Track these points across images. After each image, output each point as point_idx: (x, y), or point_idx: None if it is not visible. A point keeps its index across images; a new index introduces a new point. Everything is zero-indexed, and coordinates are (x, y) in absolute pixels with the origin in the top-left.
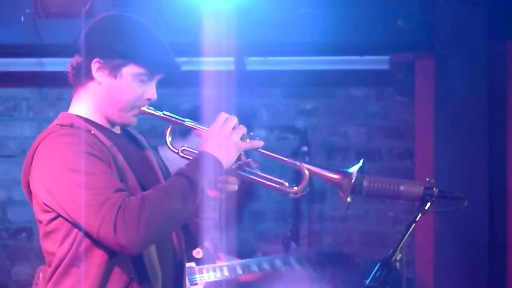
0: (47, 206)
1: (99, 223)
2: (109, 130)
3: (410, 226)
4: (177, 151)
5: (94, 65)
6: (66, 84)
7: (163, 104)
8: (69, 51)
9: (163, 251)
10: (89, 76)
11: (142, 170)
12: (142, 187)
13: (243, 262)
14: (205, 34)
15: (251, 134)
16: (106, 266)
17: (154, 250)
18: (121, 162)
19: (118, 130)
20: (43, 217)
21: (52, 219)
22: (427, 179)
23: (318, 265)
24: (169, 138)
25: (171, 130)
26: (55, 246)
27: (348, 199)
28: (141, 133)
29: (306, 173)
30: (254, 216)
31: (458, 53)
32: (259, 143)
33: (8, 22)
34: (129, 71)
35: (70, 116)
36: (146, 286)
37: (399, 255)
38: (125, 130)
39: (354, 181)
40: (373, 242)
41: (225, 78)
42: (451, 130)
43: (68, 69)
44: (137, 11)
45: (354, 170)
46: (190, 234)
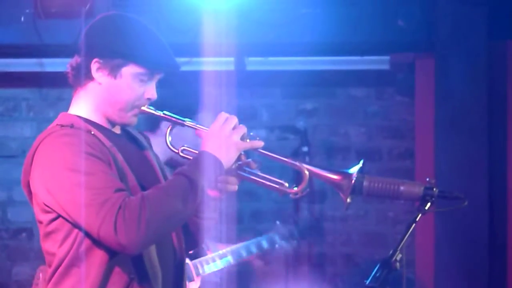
0: (47, 206)
1: (100, 223)
2: (109, 130)
3: (410, 226)
4: (177, 151)
5: (94, 65)
6: (66, 84)
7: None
8: (69, 52)
9: (163, 251)
10: (89, 76)
11: (142, 170)
12: (142, 187)
13: (234, 249)
14: (205, 34)
15: (251, 134)
16: (106, 266)
17: (154, 250)
18: (121, 162)
19: (118, 130)
20: (43, 217)
21: (52, 220)
22: (427, 179)
23: (301, 238)
24: (169, 138)
25: (171, 130)
26: (56, 247)
27: (348, 200)
28: (141, 133)
29: (306, 173)
30: (254, 216)
31: (458, 53)
32: (259, 143)
33: (8, 22)
34: (129, 71)
35: (70, 116)
36: (146, 286)
37: (399, 255)
38: (125, 130)
39: (354, 181)
40: (373, 242)
41: (225, 78)
42: (451, 130)
43: (67, 69)
44: (137, 11)
45: (354, 171)
46: (190, 234)
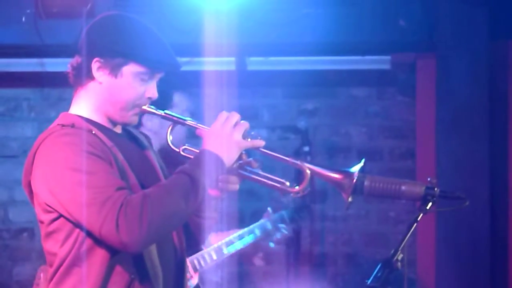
0: (49, 206)
1: (101, 222)
2: (110, 130)
3: (412, 226)
4: (178, 150)
5: (95, 64)
6: (67, 84)
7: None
8: (70, 52)
9: (164, 251)
10: (89, 75)
11: (142, 170)
12: (143, 187)
13: (227, 241)
14: (206, 34)
15: (253, 134)
16: (108, 266)
17: (155, 250)
18: (121, 161)
19: (119, 129)
20: (45, 217)
21: (53, 219)
22: (429, 179)
23: (292, 222)
24: (170, 138)
25: (172, 129)
26: (57, 246)
27: (349, 199)
28: (142, 133)
29: (308, 172)
30: (255, 215)
31: (460, 53)
32: (261, 143)
33: (9, 23)
34: (129, 70)
35: (71, 116)
36: (147, 285)
37: (401, 255)
38: (126, 129)
39: (356, 181)
40: (374, 242)
41: (226, 78)
42: (453, 130)
43: (68, 69)
44: (138, 11)
45: (355, 170)
46: (191, 234)
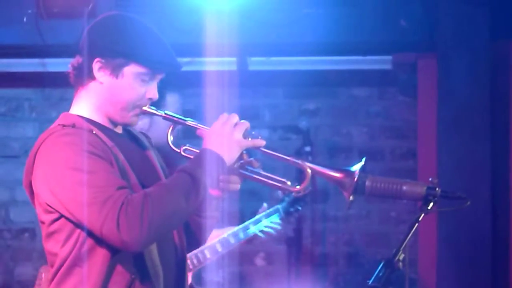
0: (50, 206)
1: (102, 221)
2: (110, 130)
3: (413, 226)
4: (178, 151)
5: (96, 65)
6: (69, 84)
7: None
8: (71, 52)
9: (165, 250)
10: (90, 76)
11: (143, 170)
12: (143, 187)
13: (221, 239)
14: (207, 34)
15: (253, 133)
16: (108, 266)
17: (155, 249)
18: (122, 161)
19: (120, 130)
20: (46, 217)
21: (54, 220)
22: (430, 179)
23: (286, 218)
24: (170, 138)
25: (173, 129)
26: (58, 247)
27: (350, 198)
28: (142, 133)
29: (309, 171)
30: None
31: (461, 53)
32: (261, 142)
33: (10, 23)
34: (130, 71)
35: (72, 116)
36: (148, 285)
37: (402, 255)
38: (126, 130)
39: (357, 179)
40: (376, 242)
41: (227, 78)
42: (454, 130)
43: (69, 69)
44: (139, 12)
45: (356, 168)
46: (192, 233)
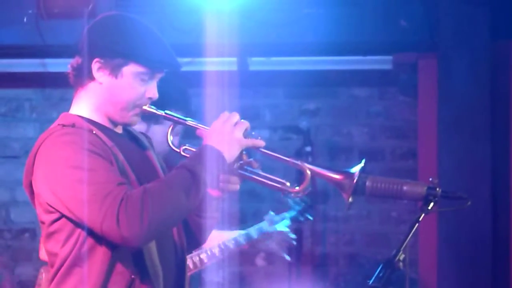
0: (50, 206)
1: (102, 217)
2: (110, 130)
3: (413, 226)
4: (178, 150)
5: (95, 65)
6: (69, 84)
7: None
8: (71, 52)
9: (164, 249)
10: (90, 76)
11: (143, 170)
12: None
13: (220, 244)
14: (207, 34)
15: (253, 134)
16: (108, 266)
17: (155, 248)
18: (122, 161)
19: (120, 130)
20: (46, 217)
21: (55, 220)
22: (430, 179)
23: (294, 223)
24: (170, 138)
25: (173, 129)
26: (58, 247)
27: (350, 199)
28: (142, 133)
29: (308, 173)
30: (256, 216)
31: (461, 53)
32: (261, 143)
33: (10, 23)
34: (129, 71)
35: (72, 116)
36: (147, 285)
37: (402, 255)
38: (126, 130)
39: (356, 181)
40: (376, 242)
41: (228, 79)
42: (454, 130)
43: (69, 70)
44: (140, 12)
45: (356, 170)
46: (192, 234)
